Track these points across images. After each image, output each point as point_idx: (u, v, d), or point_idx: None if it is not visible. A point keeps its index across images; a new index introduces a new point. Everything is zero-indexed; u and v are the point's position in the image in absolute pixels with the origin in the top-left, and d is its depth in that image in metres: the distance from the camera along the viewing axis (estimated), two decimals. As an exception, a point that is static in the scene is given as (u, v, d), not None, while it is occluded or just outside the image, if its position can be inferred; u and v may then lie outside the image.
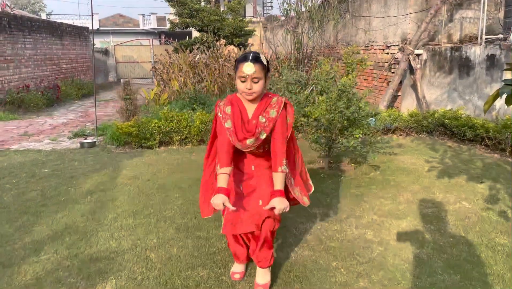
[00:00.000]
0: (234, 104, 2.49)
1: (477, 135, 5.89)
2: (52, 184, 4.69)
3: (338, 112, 4.34)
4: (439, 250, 3.02)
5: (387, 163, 5.23)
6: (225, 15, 16.44)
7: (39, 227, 3.53)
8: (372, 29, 9.59)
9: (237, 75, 2.36)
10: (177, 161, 5.58)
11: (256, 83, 2.34)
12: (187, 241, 3.22)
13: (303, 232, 3.36)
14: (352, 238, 3.24)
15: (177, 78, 11.42)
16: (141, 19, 34.01)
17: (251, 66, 2.29)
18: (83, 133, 7.67)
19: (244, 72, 2.30)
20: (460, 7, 8.35)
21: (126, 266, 2.86)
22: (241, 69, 2.32)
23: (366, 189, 4.33)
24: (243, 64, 2.31)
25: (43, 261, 2.95)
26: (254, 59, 2.32)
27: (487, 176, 4.68)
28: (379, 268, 2.79)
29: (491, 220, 3.51)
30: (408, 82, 8.12)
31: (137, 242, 3.23)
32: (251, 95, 2.38)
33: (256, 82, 2.34)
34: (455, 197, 4.06)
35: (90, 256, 3.01)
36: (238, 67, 2.35)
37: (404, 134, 6.88)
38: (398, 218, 3.60)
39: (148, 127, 6.25)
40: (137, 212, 3.83)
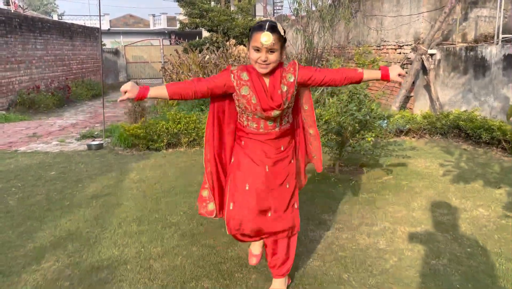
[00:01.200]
0: (251, 71, 2.32)
1: (494, 138, 5.70)
2: (57, 187, 4.63)
3: (349, 115, 4.20)
4: (456, 261, 2.87)
5: (400, 166, 5.07)
6: (235, 15, 16.36)
7: (42, 233, 3.46)
8: (384, 29, 9.39)
9: (251, 45, 2.21)
10: (185, 164, 5.49)
11: (272, 53, 2.19)
12: (192, 249, 3.11)
13: (313, 240, 3.23)
14: (364, 247, 3.10)
15: (186, 78, 11.33)
16: (152, 19, 34.10)
17: (269, 36, 2.13)
18: (91, 134, 7.62)
19: (262, 42, 2.14)
20: (475, 5, 8.13)
21: (128, 276, 2.76)
22: (257, 38, 2.16)
23: (378, 194, 4.19)
24: (260, 33, 2.15)
25: (44, 270, 2.87)
26: (271, 29, 2.15)
27: (505, 180, 4.50)
28: (393, 280, 2.65)
29: (510, 229, 3.34)
30: (421, 82, 7.93)
31: (141, 250, 3.13)
32: (266, 68, 2.24)
33: (272, 53, 2.19)
34: (472, 204, 3.89)
35: (92, 265, 2.92)
36: (253, 36, 2.19)
37: (417, 136, 6.70)
38: (412, 225, 3.45)
39: (155, 129, 6.17)
40: (142, 218, 3.73)
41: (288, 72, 2.33)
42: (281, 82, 2.31)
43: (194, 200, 4.10)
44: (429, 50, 7.64)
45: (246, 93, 2.29)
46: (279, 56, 2.23)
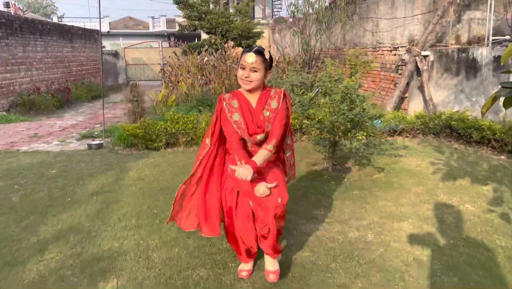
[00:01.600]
0: (240, 98, 2.60)
1: (484, 137, 5.85)
2: (59, 185, 4.77)
3: (341, 114, 4.35)
4: (439, 252, 3.02)
5: (392, 164, 5.22)
6: (233, 17, 16.53)
7: (44, 227, 3.60)
8: (380, 31, 9.56)
9: (239, 63, 2.56)
10: (182, 163, 5.63)
11: (254, 72, 2.50)
12: (188, 242, 3.26)
13: (304, 233, 3.37)
14: (352, 239, 3.25)
15: (185, 80, 11.49)
16: (151, 21, 34.29)
17: (253, 56, 2.48)
18: (91, 135, 7.77)
19: (246, 61, 2.49)
20: (468, 8, 8.29)
21: (128, 266, 2.91)
22: (243, 58, 2.51)
23: (368, 191, 4.34)
24: (246, 54, 2.51)
25: (47, 260, 3.01)
26: (256, 51, 2.51)
27: (492, 178, 4.65)
28: (378, 269, 2.80)
29: (493, 222, 3.49)
30: (415, 83, 8.09)
31: (140, 242, 3.28)
32: (248, 84, 2.53)
33: (255, 72, 2.50)
34: (458, 199, 4.05)
35: (93, 256, 3.07)
36: (242, 56, 2.54)
37: (410, 136, 6.85)
38: (399, 220, 3.60)
39: (154, 129, 6.32)
40: (141, 213, 3.88)
41: (273, 99, 2.60)
42: (263, 108, 2.60)
43: (191, 196, 4.26)
44: (423, 52, 7.81)
45: (237, 119, 2.56)
46: (261, 76, 2.54)
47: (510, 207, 3.80)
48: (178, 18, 33.14)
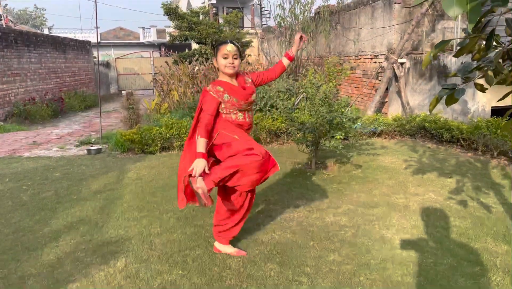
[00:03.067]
0: (222, 83, 3.02)
1: (453, 136, 6.40)
2: (64, 185, 5.20)
3: (320, 117, 4.85)
4: (402, 231, 3.51)
5: (369, 162, 5.73)
6: (223, 27, 17.08)
7: (55, 220, 4.03)
8: (361, 40, 10.14)
9: (220, 54, 2.96)
10: (177, 165, 6.02)
11: (236, 59, 2.97)
12: (186, 228, 3.72)
13: (287, 220, 3.85)
14: (329, 223, 3.73)
15: (177, 89, 11.95)
16: (142, 32, 34.74)
17: (232, 46, 2.96)
18: (89, 141, 8.18)
19: (228, 50, 2.93)
20: (441, 17, 8.91)
21: (134, 249, 3.35)
22: (223, 48, 2.95)
23: (346, 185, 4.83)
24: (225, 45, 2.96)
25: (62, 246, 3.44)
26: (231, 42, 3.01)
27: (457, 172, 5.18)
28: (349, 245, 3.28)
29: (450, 208, 4.00)
30: (394, 89, 8.65)
31: (142, 230, 3.72)
32: (232, 69, 2.97)
33: (236, 59, 2.97)
34: (424, 190, 4.56)
35: (103, 241, 3.51)
36: (220, 49, 2.97)
37: (389, 137, 7.39)
38: (371, 207, 4.10)
39: (150, 134, 6.76)
40: (142, 207, 4.32)
41: (247, 77, 3.18)
42: (245, 82, 3.12)
43: (187, 192, 4.71)
44: (400, 59, 8.38)
45: (227, 99, 2.98)
46: (240, 62, 3.04)
47: (469, 196, 4.31)
48: (168, 28, 33.70)
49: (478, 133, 5.93)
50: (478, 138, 5.93)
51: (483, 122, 5.94)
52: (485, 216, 3.78)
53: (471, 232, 3.44)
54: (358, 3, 10.41)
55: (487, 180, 4.83)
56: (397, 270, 2.88)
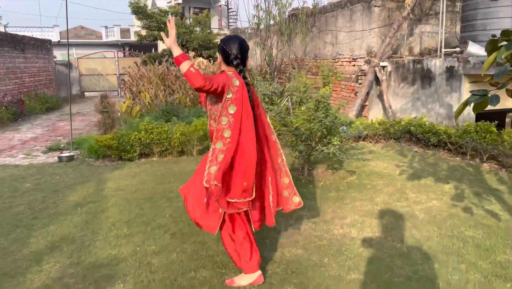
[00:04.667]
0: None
1: (441, 140, 6.37)
2: (37, 198, 4.71)
3: (317, 121, 4.64)
4: (417, 243, 3.34)
5: (362, 168, 5.58)
6: (193, 27, 16.67)
7: (34, 239, 3.59)
8: (339, 43, 10.07)
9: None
10: (160, 172, 5.70)
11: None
12: (184, 246, 3.38)
13: (293, 233, 3.60)
14: (339, 236, 3.51)
15: (147, 90, 11.44)
16: (104, 31, 33.56)
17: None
18: (58, 147, 7.61)
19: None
20: (419, 22, 8.96)
21: (130, 271, 2.99)
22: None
23: (345, 193, 4.64)
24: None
25: (46, 270, 3.04)
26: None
27: (452, 177, 5.11)
28: (366, 261, 3.07)
29: (459, 216, 3.88)
30: (375, 92, 8.61)
31: (136, 249, 3.36)
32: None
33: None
34: (426, 197, 4.43)
35: (93, 264, 3.12)
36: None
37: (373, 141, 7.30)
38: (377, 217, 3.91)
39: (128, 139, 6.33)
40: (130, 221, 3.94)
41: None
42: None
43: (177, 204, 4.37)
44: (381, 62, 8.34)
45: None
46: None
47: (473, 202, 4.22)
48: (133, 28, 32.73)
49: (466, 137, 5.91)
50: (466, 143, 5.91)
51: (471, 126, 5.94)
52: (495, 224, 3.68)
53: (488, 242, 3.31)
54: (335, 5, 10.34)
55: (485, 185, 4.78)
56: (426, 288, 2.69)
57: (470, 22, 7.23)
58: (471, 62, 6.30)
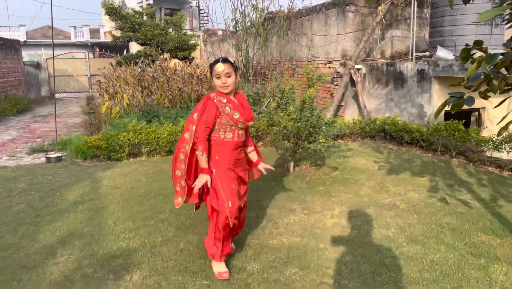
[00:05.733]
0: (225, 96, 2.98)
1: (413, 138, 6.85)
2: (35, 197, 4.83)
3: (305, 120, 4.98)
4: (400, 230, 3.73)
5: (343, 164, 5.97)
6: (168, 29, 16.75)
7: (42, 235, 3.75)
8: (314, 46, 10.49)
9: (213, 75, 2.93)
10: (151, 171, 5.90)
11: (229, 77, 2.91)
12: (190, 237, 3.64)
13: (289, 223, 3.91)
14: (331, 225, 3.85)
15: (124, 91, 11.48)
16: (73, 31, 32.93)
17: (222, 65, 2.89)
18: (42, 148, 7.64)
19: (218, 70, 2.89)
20: (390, 27, 9.50)
21: (144, 260, 3.22)
22: (215, 69, 2.91)
23: (331, 187, 5.00)
24: (216, 65, 2.91)
25: (62, 262, 3.22)
26: (223, 60, 2.92)
27: (426, 171, 5.57)
28: (358, 246, 3.42)
29: (435, 205, 4.31)
30: (350, 93, 9.06)
31: (145, 241, 3.58)
32: (226, 88, 2.93)
33: (229, 77, 2.91)
34: (404, 189, 4.85)
35: (106, 255, 3.33)
36: (213, 69, 2.92)
37: (351, 139, 7.73)
38: (363, 208, 4.29)
39: (117, 140, 6.48)
40: (133, 217, 4.15)
41: (244, 100, 3.16)
42: (243, 100, 3.12)
43: (175, 199, 4.60)
44: (356, 65, 8.80)
45: (228, 112, 2.94)
46: (235, 79, 2.96)
47: (447, 193, 4.67)
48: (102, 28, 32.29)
49: (437, 135, 6.41)
50: (437, 140, 6.41)
51: (441, 125, 6.44)
52: (467, 211, 4.12)
53: (462, 227, 3.74)
54: (310, 10, 10.75)
55: (455, 178, 5.25)
56: (412, 266, 3.07)
57: (438, 28, 7.78)
58: (440, 66, 6.82)
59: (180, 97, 11.62)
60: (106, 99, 11.44)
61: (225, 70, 2.88)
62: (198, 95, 11.57)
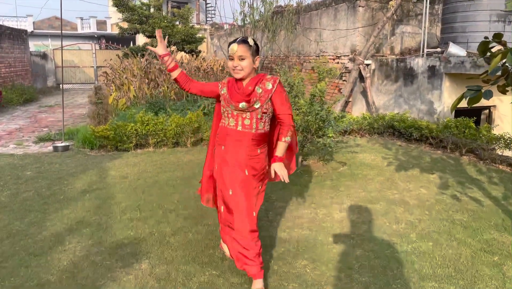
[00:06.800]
0: (231, 80, 2.77)
1: (423, 135, 6.79)
2: (42, 185, 4.82)
3: (315, 114, 4.93)
4: (411, 225, 3.68)
5: (351, 160, 5.91)
6: (176, 21, 16.70)
7: (50, 223, 3.73)
8: (323, 40, 10.41)
9: (228, 55, 2.68)
10: (159, 162, 5.87)
11: (242, 60, 2.59)
12: (198, 228, 3.61)
13: (297, 216, 3.88)
14: (339, 219, 3.82)
15: (131, 83, 11.45)
16: (80, 22, 32.90)
17: (236, 46, 2.59)
18: (49, 137, 7.64)
19: (231, 50, 2.61)
20: (400, 22, 9.40)
21: (152, 250, 3.20)
22: (229, 49, 2.64)
23: (339, 181, 4.96)
24: (231, 45, 2.63)
25: (71, 250, 3.20)
26: (240, 41, 2.61)
27: (435, 168, 5.51)
28: (369, 241, 3.38)
29: (446, 202, 4.26)
30: (358, 89, 8.99)
31: (153, 230, 3.56)
32: (238, 73, 2.63)
33: (242, 60, 2.59)
34: (414, 185, 4.80)
35: (115, 243, 3.31)
36: (228, 49, 2.67)
37: (359, 135, 7.67)
38: (372, 203, 4.24)
39: (124, 130, 6.45)
40: (141, 206, 4.13)
41: (269, 81, 2.66)
42: (256, 84, 2.66)
43: (182, 191, 4.58)
44: (365, 61, 8.72)
45: (224, 92, 2.74)
46: (250, 63, 2.61)
47: (458, 190, 4.61)
48: (109, 20, 32.26)
49: (447, 132, 6.34)
50: (447, 137, 6.34)
51: (452, 122, 6.37)
52: (479, 209, 4.06)
53: (474, 224, 3.69)
54: (319, 4, 10.67)
55: (466, 175, 5.19)
56: (424, 262, 3.02)
57: (450, 24, 7.69)
58: (452, 62, 6.74)
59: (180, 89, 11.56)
60: (113, 90, 11.44)
61: (239, 52, 2.58)
62: (204, 88, 11.51)
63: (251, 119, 2.69)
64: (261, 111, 2.68)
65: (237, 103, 2.66)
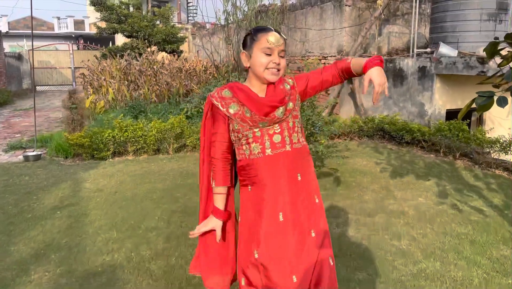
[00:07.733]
0: (233, 86, 1.89)
1: (414, 138, 6.55)
2: (9, 201, 4.38)
3: (306, 119, 4.62)
4: (414, 241, 3.40)
5: (343, 166, 5.63)
6: (156, 21, 16.22)
7: (15, 247, 3.32)
8: (309, 40, 10.13)
9: (260, 48, 1.80)
10: (138, 172, 5.48)
11: (282, 58, 1.83)
12: (182, 250, 3.25)
13: (290, 233, 3.55)
14: (337, 236, 3.50)
15: (109, 85, 10.97)
16: (56, 22, 31.96)
17: (276, 34, 1.80)
18: (21, 145, 7.14)
19: (272, 42, 1.78)
20: (387, 22, 9.18)
21: (131, 279, 2.83)
22: (266, 39, 1.79)
23: (333, 191, 4.66)
24: (268, 33, 1.80)
25: (36, 280, 2.81)
26: (276, 30, 1.84)
27: (431, 174, 5.26)
28: (370, 261, 3.08)
29: (447, 213, 4.00)
30: (346, 90, 8.73)
31: (131, 254, 3.19)
32: (277, 74, 1.84)
33: (282, 58, 1.84)
34: (411, 194, 4.53)
35: (87, 272, 2.93)
36: (260, 38, 1.80)
37: (348, 139, 7.40)
38: (370, 215, 3.95)
39: (101, 137, 6.03)
40: (117, 225, 3.75)
41: (285, 80, 1.92)
42: (280, 83, 1.88)
43: (163, 206, 4.20)
44: (352, 61, 8.46)
45: (236, 110, 1.84)
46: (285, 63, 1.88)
47: (457, 199, 4.36)
48: (87, 19, 31.41)
49: (440, 135, 6.12)
50: (440, 140, 6.11)
51: (445, 125, 6.15)
52: (483, 220, 3.81)
53: (480, 238, 3.42)
54: (305, 3, 10.37)
55: (463, 181, 4.95)
56: (434, 287, 2.73)
57: (439, 24, 7.48)
58: (443, 63, 6.51)
59: (168, 92, 11.17)
60: (90, 93, 10.92)
61: (282, 45, 1.82)
62: (187, 90, 11.15)
63: (281, 132, 1.85)
64: (292, 116, 1.88)
65: (272, 114, 1.82)
